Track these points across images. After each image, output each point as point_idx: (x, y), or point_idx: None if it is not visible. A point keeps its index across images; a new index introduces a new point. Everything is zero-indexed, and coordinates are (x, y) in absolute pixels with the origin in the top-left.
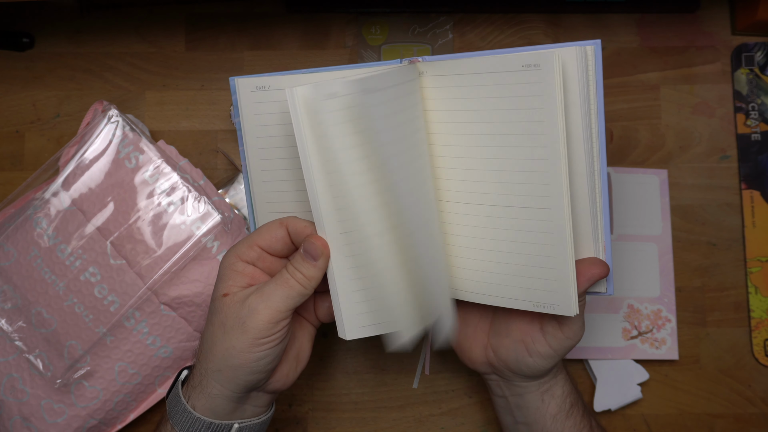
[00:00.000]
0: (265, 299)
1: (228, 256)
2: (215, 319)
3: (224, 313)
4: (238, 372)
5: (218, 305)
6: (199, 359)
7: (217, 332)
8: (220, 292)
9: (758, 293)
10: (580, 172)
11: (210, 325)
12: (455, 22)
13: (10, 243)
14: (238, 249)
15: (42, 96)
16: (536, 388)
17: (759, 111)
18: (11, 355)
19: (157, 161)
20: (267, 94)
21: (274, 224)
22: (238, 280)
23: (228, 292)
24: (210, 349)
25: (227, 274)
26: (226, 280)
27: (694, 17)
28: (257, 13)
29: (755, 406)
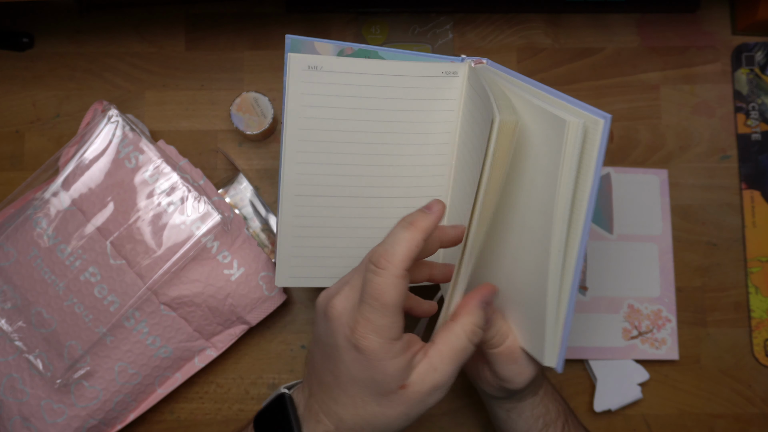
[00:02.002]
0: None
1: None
2: (393, 412)
3: (407, 406)
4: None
5: (396, 399)
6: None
7: (398, 420)
8: (392, 386)
9: (758, 293)
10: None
11: (385, 417)
12: (455, 22)
13: (10, 243)
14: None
15: (42, 96)
16: (498, 405)
17: (759, 111)
18: (11, 355)
19: (157, 161)
20: (319, 75)
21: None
22: (406, 364)
23: (405, 384)
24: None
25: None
26: (395, 373)
27: (694, 17)
28: (257, 13)
29: (755, 406)
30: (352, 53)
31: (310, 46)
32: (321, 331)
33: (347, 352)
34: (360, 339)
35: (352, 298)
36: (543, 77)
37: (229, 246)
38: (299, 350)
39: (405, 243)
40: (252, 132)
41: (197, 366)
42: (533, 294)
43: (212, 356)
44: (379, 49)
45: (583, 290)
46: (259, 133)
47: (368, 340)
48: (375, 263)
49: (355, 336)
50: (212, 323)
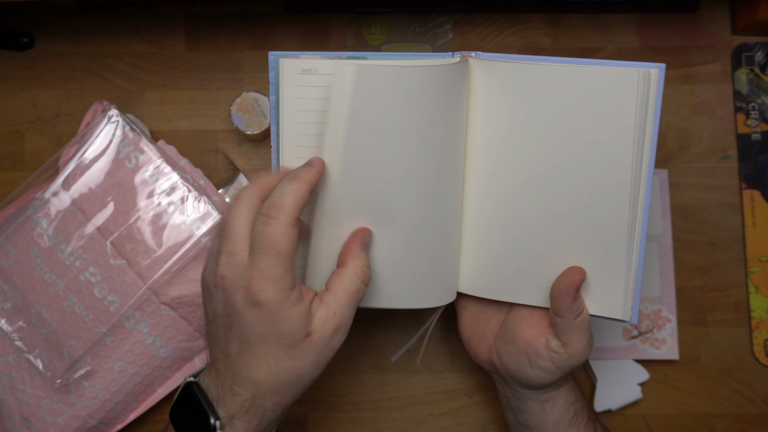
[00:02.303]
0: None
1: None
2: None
3: (316, 353)
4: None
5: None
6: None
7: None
8: (298, 334)
9: (758, 293)
10: (623, 199)
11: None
12: (455, 21)
13: (10, 243)
14: (283, 282)
15: (42, 96)
16: (537, 396)
17: (759, 111)
18: (11, 355)
19: (157, 161)
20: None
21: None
22: (305, 312)
23: (309, 331)
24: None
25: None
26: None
27: (694, 17)
28: (257, 13)
29: (755, 406)
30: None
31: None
32: (216, 305)
33: (248, 313)
34: (257, 293)
35: (234, 263)
36: None
37: None
38: None
39: (292, 194)
40: (252, 132)
41: (197, 366)
42: (600, 251)
43: None
44: (369, 54)
45: None
46: (259, 133)
47: (266, 292)
48: (265, 214)
49: (251, 292)
50: None
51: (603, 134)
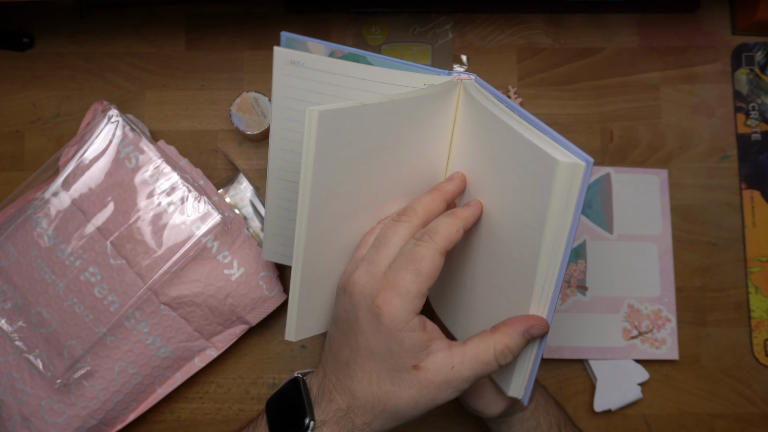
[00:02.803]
0: (461, 383)
1: (401, 315)
2: (404, 394)
3: (418, 391)
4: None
5: (408, 379)
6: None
7: (407, 406)
8: (406, 362)
9: (758, 293)
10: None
11: (395, 398)
12: (455, 21)
13: (10, 243)
14: (412, 303)
15: (42, 96)
16: (487, 420)
17: (759, 111)
18: (11, 355)
19: (157, 161)
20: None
21: (434, 258)
22: (420, 342)
23: (419, 364)
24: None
25: (411, 340)
26: (410, 348)
27: (694, 17)
28: (257, 13)
29: (755, 406)
30: (342, 56)
31: (303, 45)
32: (340, 309)
33: (367, 323)
34: (383, 304)
35: (371, 272)
36: (543, 77)
37: (230, 246)
38: (299, 350)
39: (447, 226)
40: (252, 132)
41: (197, 366)
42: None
43: (212, 356)
44: (369, 54)
45: (583, 290)
46: (259, 133)
47: (391, 307)
48: (418, 238)
49: (377, 302)
50: (212, 323)
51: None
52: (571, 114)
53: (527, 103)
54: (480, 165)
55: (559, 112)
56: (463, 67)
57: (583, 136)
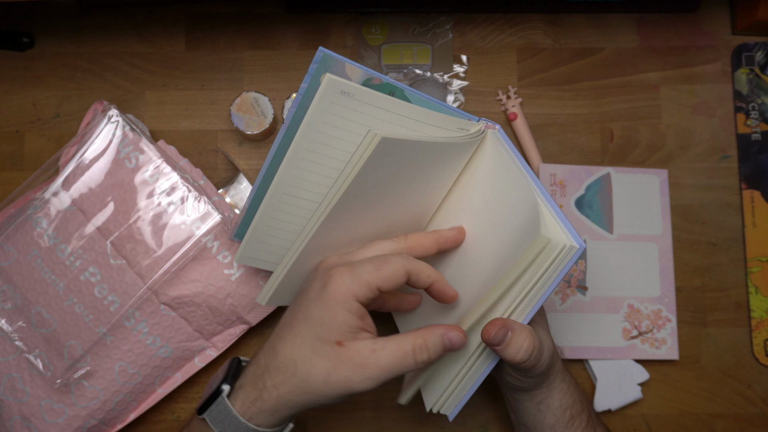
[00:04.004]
0: (379, 372)
1: (342, 290)
2: (319, 365)
3: (334, 366)
4: (319, 404)
5: (329, 352)
6: (277, 387)
7: (318, 379)
8: (331, 335)
9: (758, 293)
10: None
11: (308, 365)
12: (455, 22)
13: (10, 243)
14: (358, 288)
15: (42, 96)
16: (530, 398)
17: (759, 111)
18: (11, 355)
19: (157, 161)
20: (347, 101)
21: (399, 268)
22: (352, 324)
23: (342, 340)
24: (303, 389)
25: (341, 315)
26: (340, 322)
27: (694, 17)
28: (257, 13)
29: (755, 406)
30: (379, 84)
31: (340, 65)
32: (306, 282)
33: (315, 290)
34: (334, 275)
35: (343, 258)
36: (543, 77)
37: (230, 246)
38: None
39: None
40: (252, 132)
41: (197, 366)
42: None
43: (212, 356)
44: (407, 88)
45: (583, 290)
46: (259, 132)
47: (340, 279)
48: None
49: (330, 272)
50: (212, 323)
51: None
52: (571, 114)
53: (527, 103)
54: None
55: (559, 112)
56: (463, 67)
57: (583, 136)
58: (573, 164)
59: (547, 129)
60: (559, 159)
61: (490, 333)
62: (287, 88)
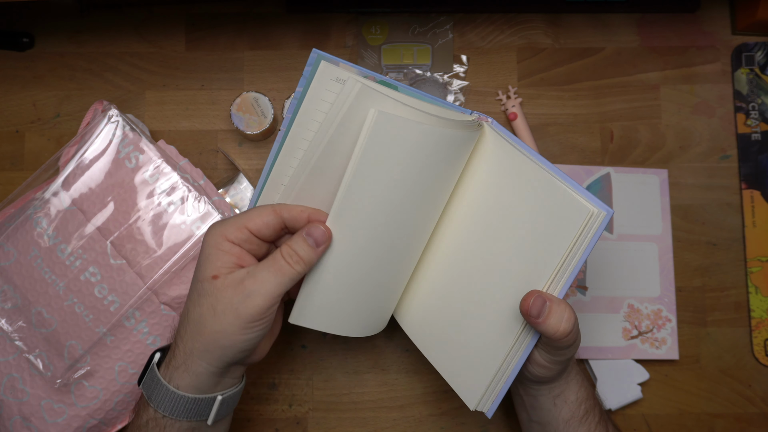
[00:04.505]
0: (259, 285)
1: (213, 235)
2: (204, 302)
3: (215, 297)
4: (227, 351)
5: (207, 288)
6: (183, 339)
7: (207, 315)
8: (207, 273)
9: (758, 293)
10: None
11: (197, 307)
12: (455, 22)
13: (10, 243)
14: (226, 229)
15: (42, 96)
16: (548, 392)
17: (759, 111)
18: (11, 355)
19: (157, 161)
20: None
21: (265, 209)
22: (226, 260)
23: (217, 274)
24: (198, 330)
25: (214, 254)
26: (214, 260)
27: (694, 17)
28: (257, 13)
29: (755, 406)
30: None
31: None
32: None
33: (201, 240)
34: (207, 230)
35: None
36: (543, 77)
37: None
38: (299, 350)
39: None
40: (252, 132)
41: None
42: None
43: None
44: (400, 85)
45: (583, 290)
46: (259, 132)
47: (213, 226)
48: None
49: (211, 226)
50: None
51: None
52: (571, 114)
53: (527, 103)
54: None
55: (559, 112)
56: (463, 67)
57: (583, 136)
58: (573, 164)
59: (547, 129)
60: (559, 159)
61: (528, 303)
62: (287, 88)
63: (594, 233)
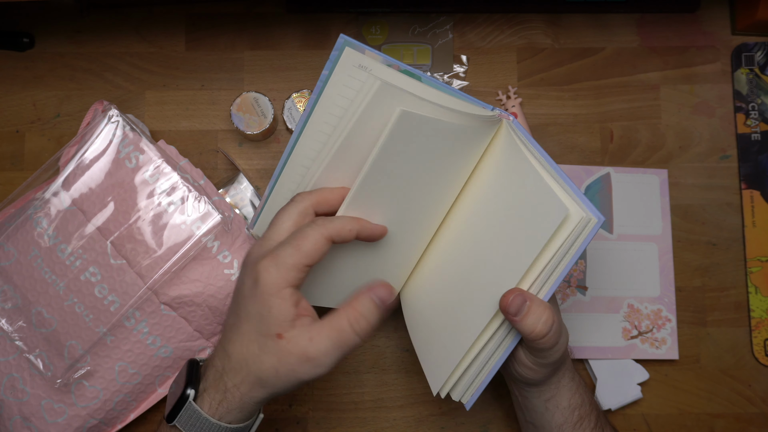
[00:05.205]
0: (323, 357)
1: (272, 277)
2: (266, 360)
3: (278, 359)
4: (283, 393)
5: (271, 347)
6: (233, 381)
7: (269, 373)
8: (272, 329)
9: (758, 293)
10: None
11: (257, 362)
12: (455, 22)
13: (10, 243)
14: (287, 273)
15: (42, 96)
16: (538, 395)
17: (759, 111)
18: (11, 355)
19: (158, 161)
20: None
21: (318, 238)
22: (288, 313)
23: (282, 332)
24: (258, 383)
25: (276, 306)
26: (277, 314)
27: (694, 17)
28: (257, 13)
29: (755, 405)
30: (399, 70)
31: (361, 51)
32: (237, 280)
33: (248, 288)
34: (261, 270)
35: (263, 246)
36: (543, 77)
37: (230, 246)
38: None
39: (343, 222)
40: (252, 132)
41: None
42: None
43: None
44: (424, 75)
45: (583, 290)
46: (260, 132)
47: (268, 273)
48: (314, 221)
49: (257, 268)
50: (212, 323)
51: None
52: (571, 114)
53: (527, 103)
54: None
55: (559, 112)
56: (463, 67)
57: (583, 136)
58: (573, 164)
59: (547, 129)
60: (559, 159)
61: (507, 300)
62: (287, 88)
63: (584, 239)
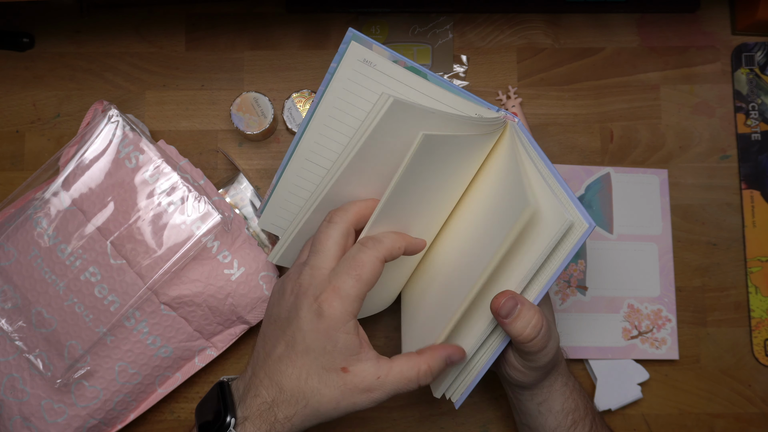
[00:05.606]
0: (383, 395)
1: (340, 316)
2: (326, 393)
3: (341, 393)
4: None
5: (335, 380)
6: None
7: (327, 406)
8: (337, 362)
9: (758, 293)
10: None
11: (317, 395)
12: (455, 22)
13: (10, 243)
14: (352, 304)
15: (42, 96)
16: (531, 398)
17: (759, 111)
18: (11, 355)
19: (157, 161)
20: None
21: (374, 265)
22: (353, 346)
23: (347, 366)
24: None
25: (342, 340)
26: (342, 348)
27: (694, 17)
28: (257, 13)
29: (755, 405)
30: (405, 67)
31: (368, 45)
32: (282, 308)
33: (308, 320)
34: (324, 303)
35: (315, 275)
36: (543, 77)
37: (230, 246)
38: None
39: (392, 239)
40: (252, 132)
41: (197, 366)
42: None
43: (212, 356)
44: (429, 73)
45: (583, 290)
46: (259, 132)
47: (332, 307)
48: (362, 243)
49: (319, 301)
50: (212, 323)
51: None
52: (571, 114)
53: (527, 103)
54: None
55: (559, 112)
56: (463, 67)
57: (583, 136)
58: (573, 164)
59: (547, 129)
60: (559, 159)
61: (499, 302)
62: (287, 88)
63: (574, 243)
